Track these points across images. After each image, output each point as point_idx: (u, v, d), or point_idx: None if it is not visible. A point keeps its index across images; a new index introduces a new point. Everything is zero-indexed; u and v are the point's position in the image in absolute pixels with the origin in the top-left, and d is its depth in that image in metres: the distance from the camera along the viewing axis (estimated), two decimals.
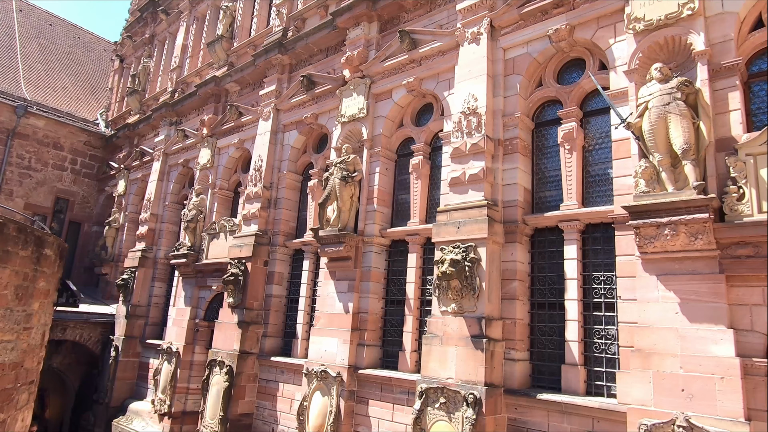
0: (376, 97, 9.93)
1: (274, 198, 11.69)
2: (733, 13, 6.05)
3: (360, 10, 10.17)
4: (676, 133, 5.67)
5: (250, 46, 13.80)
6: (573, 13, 7.42)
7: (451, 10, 9.11)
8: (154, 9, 19.23)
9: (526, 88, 8.01)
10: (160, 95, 17.52)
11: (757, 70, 6.17)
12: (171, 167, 15.98)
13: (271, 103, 12.11)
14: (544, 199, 7.75)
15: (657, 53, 6.41)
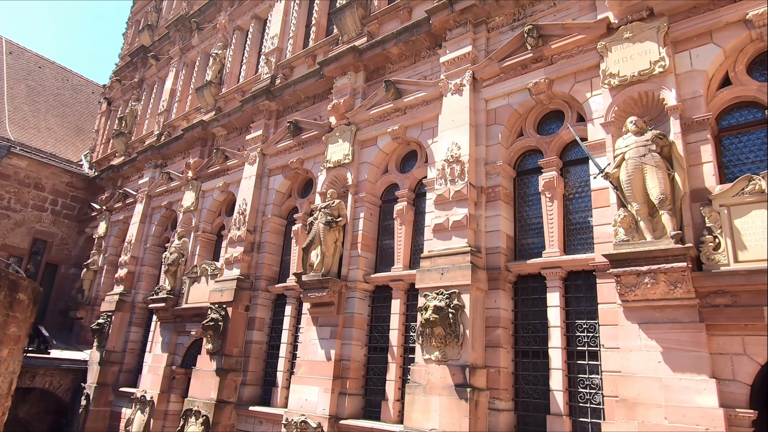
0: (361, 143, 10.10)
1: (257, 242, 11.62)
2: (701, 71, 6.38)
3: (347, 60, 10.48)
4: (653, 184, 5.84)
5: (239, 92, 14.04)
6: (551, 67, 7.73)
7: (434, 62, 9.43)
8: (144, 54, 19.57)
9: (508, 137, 8.23)
10: (147, 138, 17.60)
11: (727, 124, 6.45)
12: (154, 209, 15.86)
13: (258, 147, 12.22)
14: (526, 246, 7.83)
15: (632, 107, 6.69)
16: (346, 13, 10.89)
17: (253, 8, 14.87)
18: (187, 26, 17.34)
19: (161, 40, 18.71)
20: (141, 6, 22.65)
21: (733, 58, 6.42)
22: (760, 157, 6.11)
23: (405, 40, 9.73)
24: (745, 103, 6.38)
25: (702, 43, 6.46)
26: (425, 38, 9.52)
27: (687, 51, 6.55)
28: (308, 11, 13.28)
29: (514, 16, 8.58)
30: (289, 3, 13.49)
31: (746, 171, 6.00)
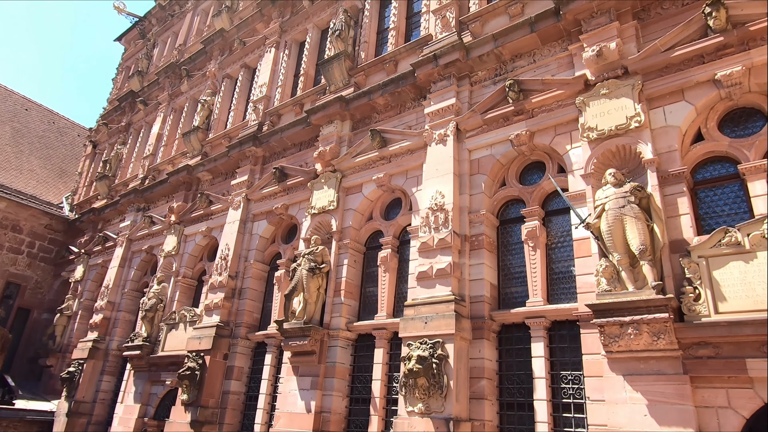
0: (346, 190, 10.16)
1: (239, 288, 11.42)
2: (675, 126, 6.63)
3: (333, 109, 10.70)
4: (632, 235, 5.94)
5: (225, 137, 14.17)
6: (532, 120, 7.98)
7: (419, 113, 9.67)
8: (133, 99, 19.76)
9: (491, 187, 8.37)
10: (130, 181, 17.51)
11: (702, 178, 6.66)
12: (134, 253, 15.60)
13: (242, 192, 12.22)
14: (510, 294, 7.82)
15: (610, 159, 6.88)
16: (334, 65, 11.21)
17: (243, 57, 15.23)
18: (177, 73, 17.65)
19: (150, 85, 18.96)
20: (132, 53, 23.05)
21: (704, 115, 6.70)
22: (735, 209, 6.29)
23: (391, 91, 10.00)
24: (718, 157, 6.61)
25: (675, 101, 6.75)
26: (410, 90, 9.80)
27: (661, 107, 6.82)
28: (297, 61, 13.64)
29: (496, 71, 8.90)
30: (278, 53, 13.87)
31: (722, 223, 6.15)
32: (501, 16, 9.20)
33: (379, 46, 11.69)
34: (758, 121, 6.45)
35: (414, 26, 11.24)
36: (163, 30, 21.01)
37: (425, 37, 10.06)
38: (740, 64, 6.23)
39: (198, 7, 19.35)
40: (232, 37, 15.66)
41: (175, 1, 20.59)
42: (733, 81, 6.26)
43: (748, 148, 6.23)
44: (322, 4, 13.07)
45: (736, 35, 6.30)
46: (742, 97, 6.45)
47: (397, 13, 11.31)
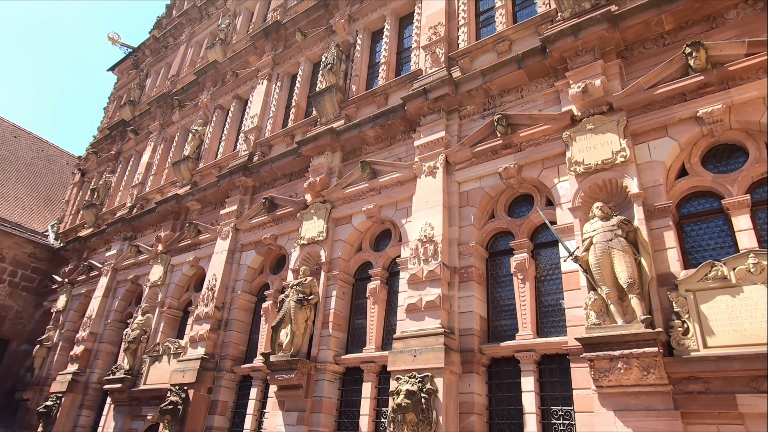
0: (335, 221, 10.16)
1: (225, 319, 11.24)
2: (660, 161, 6.76)
3: (324, 141, 10.78)
4: (620, 268, 5.97)
5: (216, 167, 14.18)
6: (520, 154, 8.09)
7: (409, 145, 9.77)
8: (124, 128, 19.79)
9: (480, 219, 8.41)
10: (118, 210, 17.37)
11: (687, 212, 6.75)
12: (119, 283, 15.34)
13: (231, 222, 12.16)
14: (500, 327, 7.76)
15: (597, 193, 6.97)
16: (325, 97, 11.36)
17: (235, 89, 15.39)
18: (169, 103, 17.76)
19: (142, 115, 19.03)
20: (125, 82, 23.22)
21: (688, 151, 6.84)
22: (720, 243, 6.36)
23: (381, 123, 10.13)
24: (702, 192, 6.72)
25: (659, 136, 6.90)
26: (400, 123, 9.93)
27: (646, 143, 6.96)
28: (288, 93, 13.81)
29: (485, 105, 9.07)
30: (270, 85, 14.04)
31: (708, 257, 6.21)
32: (489, 53, 9.44)
33: (370, 79, 11.89)
34: (740, 157, 6.60)
35: (404, 61, 11.48)
36: (157, 61, 21.24)
37: (415, 71, 10.26)
38: (721, 103, 6.41)
39: (192, 39, 19.64)
40: (225, 68, 15.86)
41: (170, 33, 20.89)
42: (715, 118, 6.43)
43: (731, 184, 6.35)
44: (315, 38, 13.34)
45: (716, 75, 6.50)
46: (723, 134, 6.61)
47: (388, 48, 11.56)
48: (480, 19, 10.38)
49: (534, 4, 9.55)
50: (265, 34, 14.59)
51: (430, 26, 10.38)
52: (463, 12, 10.23)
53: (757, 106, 6.27)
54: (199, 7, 19.54)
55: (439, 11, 10.42)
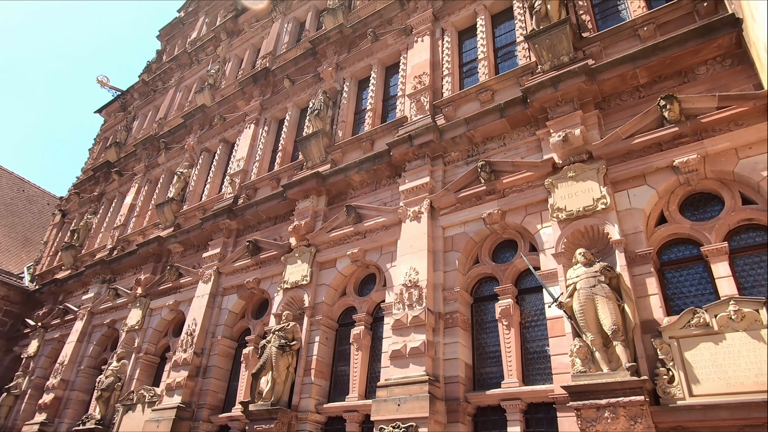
0: (320, 265, 10.08)
1: (203, 365, 10.90)
2: (639, 209, 6.90)
3: (310, 184, 10.84)
4: (604, 314, 5.97)
5: (200, 209, 14.10)
6: (504, 200, 8.21)
7: (394, 190, 9.87)
8: (108, 169, 19.68)
9: (465, 264, 8.42)
10: (98, 252, 17.05)
11: (667, 259, 6.84)
12: (95, 327, 14.88)
13: (214, 265, 12.00)
14: (485, 375, 7.64)
15: (580, 239, 7.06)
16: (312, 142, 11.51)
17: (223, 132, 15.52)
18: (156, 145, 17.80)
19: (127, 156, 19.00)
20: (112, 124, 23.28)
21: (666, 199, 7.01)
22: (701, 290, 6.42)
23: (367, 168, 10.25)
24: (681, 239, 6.84)
25: (638, 185, 7.07)
26: (386, 168, 10.06)
27: (625, 191, 7.13)
28: (275, 137, 13.96)
29: (468, 152, 9.26)
30: (257, 129, 14.20)
31: (690, 304, 6.26)
32: (472, 102, 9.72)
33: (356, 125, 12.12)
34: (716, 205, 6.76)
35: (390, 108, 11.75)
36: (145, 104, 21.41)
37: (401, 118, 10.49)
38: (695, 153, 6.63)
39: (181, 84, 19.91)
40: (213, 112, 16.05)
41: (159, 78, 21.17)
42: (690, 168, 6.63)
43: (709, 231, 6.48)
44: (303, 85, 13.63)
45: (689, 126, 6.75)
46: (699, 183, 6.80)
47: (374, 95, 11.84)
48: (463, 70, 10.74)
49: (515, 57, 9.93)
50: (254, 79, 14.89)
51: (415, 75, 10.70)
52: (447, 63, 10.58)
53: (730, 156, 6.49)
54: (190, 53, 19.92)
55: (424, 62, 10.77)
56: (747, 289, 6.10)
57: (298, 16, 16.56)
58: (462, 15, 11.13)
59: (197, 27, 21.60)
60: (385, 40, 12.23)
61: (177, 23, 23.18)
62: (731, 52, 7.04)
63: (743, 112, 6.42)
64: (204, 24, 21.44)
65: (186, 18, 22.80)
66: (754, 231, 6.40)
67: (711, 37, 7.01)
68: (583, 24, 8.86)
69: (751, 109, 6.37)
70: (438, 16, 11.46)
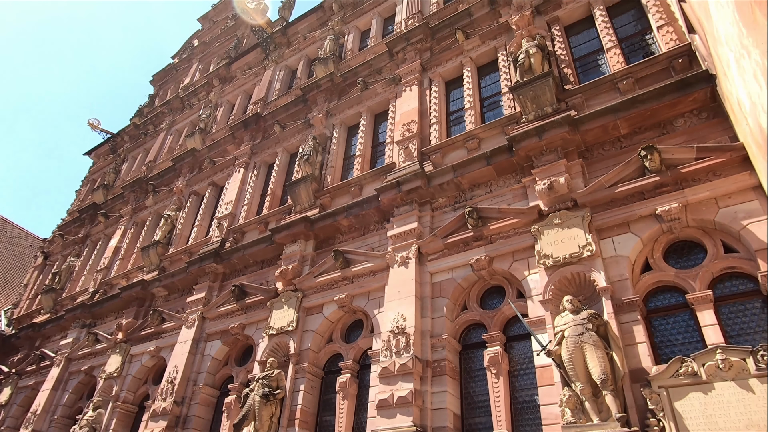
0: (306, 310, 9.95)
1: (183, 415, 10.51)
2: (624, 256, 6.97)
3: (298, 229, 10.83)
4: (593, 363, 5.92)
5: (186, 252, 13.95)
6: (491, 246, 8.26)
7: (382, 235, 9.89)
8: (94, 211, 19.51)
9: (452, 310, 8.36)
10: (79, 295, 16.68)
11: (654, 306, 6.86)
12: (71, 374, 14.36)
13: (198, 310, 11.78)
14: (474, 425, 7.46)
15: (567, 286, 7.08)
16: (301, 186, 11.58)
17: (212, 176, 15.58)
18: (144, 188, 17.77)
19: (114, 199, 18.91)
20: (100, 166, 23.28)
21: (650, 247, 7.10)
22: (688, 338, 6.42)
23: (355, 213, 10.30)
24: (667, 287, 6.89)
25: (622, 232, 7.17)
26: (374, 213, 10.12)
27: (610, 238, 7.22)
28: (265, 182, 14.04)
29: (456, 198, 9.37)
30: (247, 173, 14.28)
31: (677, 352, 6.24)
32: (459, 149, 9.92)
33: (345, 170, 12.25)
34: (699, 253, 6.86)
35: (379, 154, 11.94)
36: (135, 147, 21.52)
37: (389, 164, 10.65)
38: (677, 202, 6.77)
39: (172, 128, 20.11)
40: (203, 156, 16.16)
41: (150, 121, 21.39)
42: (673, 216, 6.76)
43: (693, 279, 6.54)
44: (293, 130, 13.84)
45: (670, 176, 6.94)
46: (682, 231, 6.92)
47: (363, 142, 12.05)
48: (450, 118, 11.02)
49: (500, 107, 10.23)
50: (245, 125, 15.10)
51: (403, 123, 10.94)
52: (434, 111, 10.86)
53: (710, 206, 6.65)
54: (182, 98, 20.23)
55: (412, 110, 11.05)
56: (733, 337, 6.11)
57: (290, 65, 17.01)
58: (449, 66, 11.52)
59: (190, 73, 22.04)
60: (374, 89, 12.56)
61: (170, 69, 23.66)
62: (707, 106, 7.33)
63: (721, 162, 6.63)
64: (197, 70, 21.91)
65: (180, 64, 23.29)
66: (737, 279, 6.48)
67: (687, 92, 7.31)
68: (565, 77, 9.20)
69: (728, 160, 6.58)
70: (426, 67, 11.84)
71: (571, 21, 10.24)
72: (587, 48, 9.79)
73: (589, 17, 10.03)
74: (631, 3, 9.68)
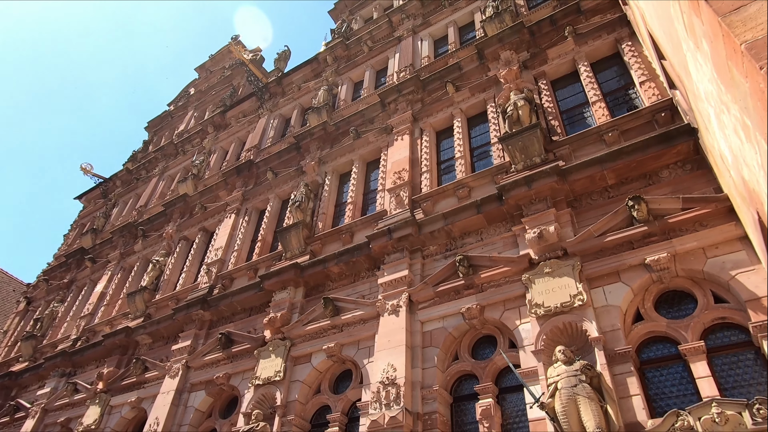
0: (294, 360, 9.72)
1: None
2: (616, 306, 6.94)
3: (288, 275, 10.73)
4: (587, 417, 5.78)
5: (173, 299, 13.71)
6: (482, 294, 8.20)
7: (373, 283, 9.81)
8: (82, 256, 19.27)
9: (444, 360, 8.20)
10: (60, 342, 16.19)
11: (647, 357, 6.78)
12: (47, 426, 13.74)
13: (183, 359, 11.45)
14: None
15: (559, 336, 7.00)
16: (292, 233, 11.56)
17: (203, 221, 15.53)
18: (133, 233, 17.65)
19: (103, 243, 18.72)
20: (90, 210, 23.16)
21: (641, 296, 7.08)
22: (683, 391, 6.31)
23: (346, 260, 10.25)
24: (659, 337, 6.83)
25: (612, 281, 7.17)
26: (365, 260, 10.07)
27: (601, 287, 7.21)
28: (255, 227, 14.00)
29: (447, 246, 9.38)
30: (238, 219, 14.27)
31: (672, 405, 6.11)
32: (450, 198, 10.02)
33: (337, 217, 12.29)
34: (690, 303, 6.85)
35: (370, 201, 12.02)
36: (127, 191, 21.52)
37: (380, 212, 10.70)
38: (665, 251, 6.82)
39: (165, 173, 20.20)
40: (195, 201, 16.16)
41: (143, 167, 21.49)
42: (662, 266, 6.79)
43: (685, 329, 6.50)
44: (285, 177, 13.95)
45: (658, 226, 7.02)
46: (672, 281, 6.93)
47: (355, 189, 12.15)
48: (441, 167, 11.19)
49: (490, 157, 10.42)
50: (238, 171, 15.21)
51: (395, 171, 11.08)
52: (425, 160, 11.03)
53: (698, 256, 6.70)
54: (176, 144, 20.44)
55: (404, 158, 11.22)
56: (728, 389, 6.02)
57: (284, 113, 17.35)
58: (439, 117, 11.81)
59: (186, 120, 22.39)
60: (366, 138, 12.79)
61: (166, 116, 24.02)
62: (690, 158, 7.52)
63: (707, 213, 6.73)
64: (193, 117, 22.26)
65: (175, 111, 23.67)
66: (728, 330, 6.44)
67: (670, 144, 7.51)
68: (553, 128, 9.44)
69: (714, 211, 6.69)
70: (417, 117, 12.12)
71: (557, 76, 10.62)
72: (573, 101, 10.11)
73: (574, 72, 10.41)
74: (614, 60, 10.09)
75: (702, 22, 3.35)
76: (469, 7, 14.32)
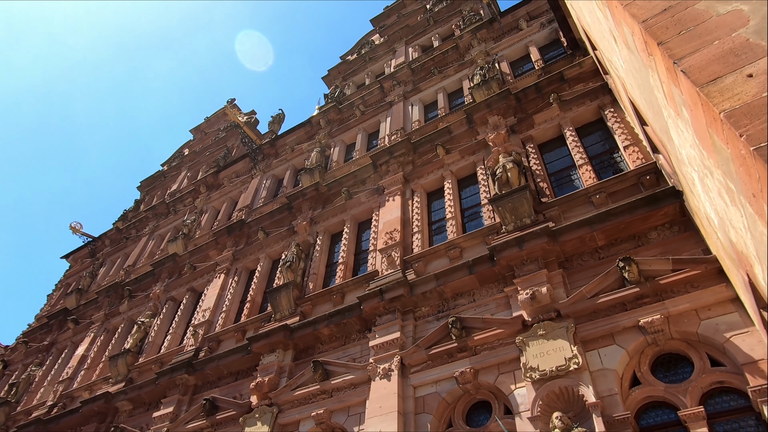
0: (282, 427, 9.30)
1: None
2: (612, 369, 6.79)
3: (277, 337, 10.47)
4: None
5: (157, 362, 13.25)
6: (476, 358, 8.02)
7: (364, 345, 9.59)
8: (64, 317, 18.74)
9: (437, 428, 7.87)
10: (35, 409, 15.42)
11: (646, 424, 6.56)
12: None
13: (164, 427, 10.92)
14: None
15: (555, 402, 6.80)
16: (282, 293, 11.40)
17: (191, 281, 15.30)
18: (119, 293, 17.30)
19: (87, 304, 18.27)
20: (77, 270, 22.79)
21: (637, 359, 6.96)
22: None
23: (336, 322, 10.06)
24: (658, 402, 6.65)
25: (607, 344, 7.06)
26: (356, 322, 9.90)
27: (596, 350, 7.09)
28: (245, 288, 13.80)
29: (439, 307, 9.27)
30: (227, 279, 14.08)
31: None
32: (442, 258, 10.01)
33: (328, 278, 12.17)
34: (687, 366, 6.72)
35: (361, 262, 11.96)
36: (115, 251, 21.29)
37: (372, 272, 10.63)
38: (659, 313, 6.78)
39: (155, 232, 20.08)
40: (184, 261, 15.99)
41: (133, 226, 21.39)
42: (656, 328, 6.72)
43: (683, 394, 6.35)
44: (276, 237, 13.93)
45: (649, 287, 7.01)
46: (667, 344, 6.84)
47: (346, 249, 12.12)
48: (432, 228, 11.26)
49: (481, 217, 10.53)
50: (229, 231, 15.18)
51: (386, 232, 11.12)
52: (417, 221, 11.11)
53: (692, 317, 6.65)
54: (168, 204, 20.47)
55: (395, 219, 11.29)
56: None
57: (277, 174, 17.57)
58: (430, 178, 12.01)
59: (179, 180, 22.55)
60: (358, 198, 12.91)
61: (159, 176, 24.20)
62: (677, 220, 7.64)
63: (697, 275, 6.75)
64: (186, 177, 22.44)
65: (168, 171, 23.89)
66: (727, 394, 6.30)
67: (657, 206, 7.65)
68: (542, 190, 9.62)
69: (704, 272, 6.71)
70: (408, 179, 12.32)
71: (544, 140, 10.95)
72: (561, 164, 10.37)
73: (560, 136, 10.75)
74: (597, 125, 10.46)
75: (681, 92, 3.50)
76: (457, 75, 14.94)
